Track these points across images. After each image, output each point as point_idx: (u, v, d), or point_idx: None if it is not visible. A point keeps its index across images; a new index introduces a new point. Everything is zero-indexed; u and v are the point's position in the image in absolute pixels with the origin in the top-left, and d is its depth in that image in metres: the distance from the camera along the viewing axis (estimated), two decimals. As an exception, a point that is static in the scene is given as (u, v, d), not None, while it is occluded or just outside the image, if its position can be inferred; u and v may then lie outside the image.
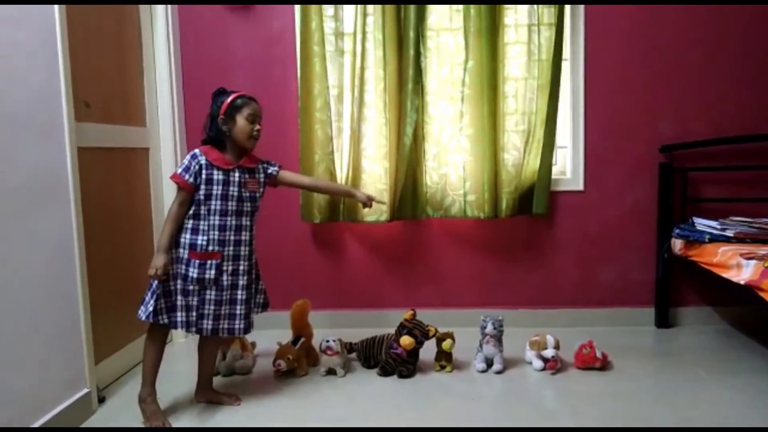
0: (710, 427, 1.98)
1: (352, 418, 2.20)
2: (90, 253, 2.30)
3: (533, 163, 3.06)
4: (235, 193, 2.18)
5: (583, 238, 3.20)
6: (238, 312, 2.21)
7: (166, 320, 2.14)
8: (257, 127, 2.19)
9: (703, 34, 3.07)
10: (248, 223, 2.23)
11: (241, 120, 2.15)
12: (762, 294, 2.23)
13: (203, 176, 2.13)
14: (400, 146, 3.04)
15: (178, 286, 2.14)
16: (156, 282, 2.11)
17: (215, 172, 2.15)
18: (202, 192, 2.14)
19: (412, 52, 2.97)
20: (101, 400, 2.35)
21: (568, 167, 3.21)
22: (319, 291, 3.20)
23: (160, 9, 2.98)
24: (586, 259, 3.21)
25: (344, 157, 3.10)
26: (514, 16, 3.00)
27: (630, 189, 3.16)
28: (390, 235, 3.23)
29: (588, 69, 3.10)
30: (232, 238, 2.18)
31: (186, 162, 2.14)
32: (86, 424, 2.19)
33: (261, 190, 2.28)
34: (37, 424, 1.96)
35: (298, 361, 2.59)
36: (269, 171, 2.30)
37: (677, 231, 2.97)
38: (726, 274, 2.50)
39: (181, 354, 2.90)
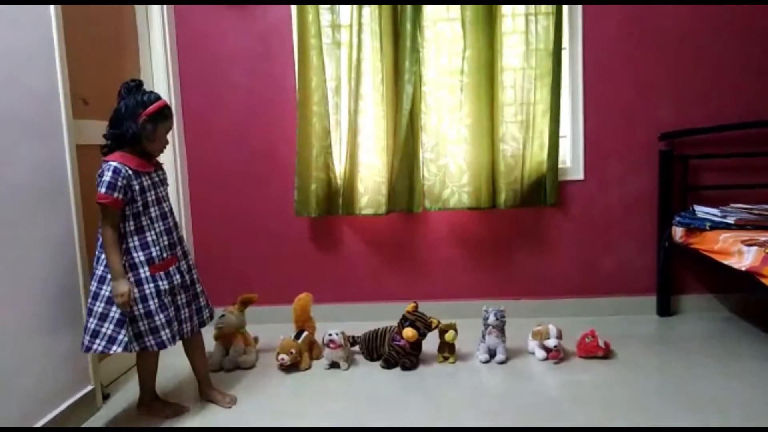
0: (712, 427, 1.98)
1: (355, 411, 2.21)
2: (91, 249, 2.29)
3: (538, 154, 3.05)
4: (163, 193, 2.13)
5: (584, 227, 3.20)
6: (202, 303, 2.27)
7: (150, 343, 2.03)
8: (167, 142, 2.13)
9: (702, 20, 3.05)
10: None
11: (161, 131, 2.06)
12: (763, 280, 2.23)
13: (135, 188, 1.99)
14: (396, 138, 3.03)
15: (153, 306, 2.01)
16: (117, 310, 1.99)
17: (143, 179, 2.03)
18: (139, 204, 2.01)
19: (408, 43, 2.95)
20: (105, 397, 2.36)
21: (567, 156, 3.20)
22: (320, 285, 3.20)
23: (156, 5, 2.97)
24: (587, 249, 3.21)
25: (342, 149, 3.10)
26: (511, 6, 2.98)
27: (630, 177, 3.16)
28: (390, 227, 3.22)
29: (586, 57, 3.09)
30: (176, 237, 2.16)
31: (109, 179, 1.93)
32: (91, 421, 2.20)
33: None
34: (43, 421, 1.97)
35: (301, 355, 2.60)
36: (165, 176, 2.21)
37: (678, 219, 2.97)
38: (727, 261, 2.50)
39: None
